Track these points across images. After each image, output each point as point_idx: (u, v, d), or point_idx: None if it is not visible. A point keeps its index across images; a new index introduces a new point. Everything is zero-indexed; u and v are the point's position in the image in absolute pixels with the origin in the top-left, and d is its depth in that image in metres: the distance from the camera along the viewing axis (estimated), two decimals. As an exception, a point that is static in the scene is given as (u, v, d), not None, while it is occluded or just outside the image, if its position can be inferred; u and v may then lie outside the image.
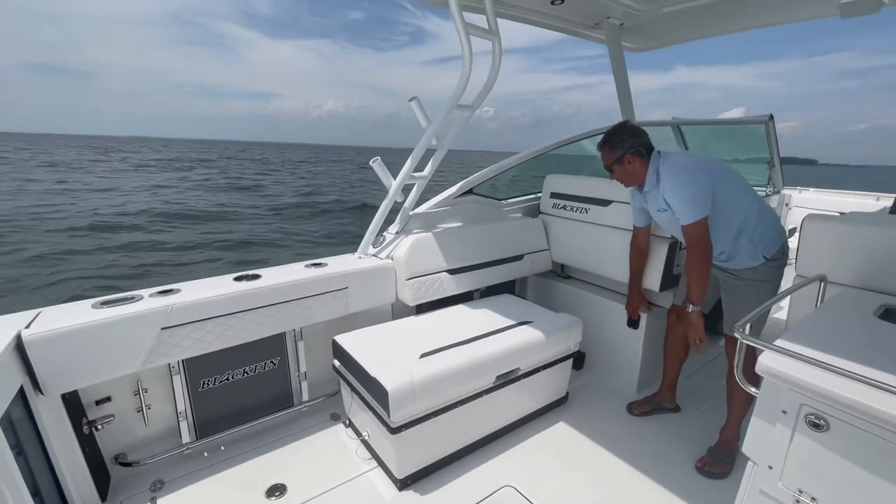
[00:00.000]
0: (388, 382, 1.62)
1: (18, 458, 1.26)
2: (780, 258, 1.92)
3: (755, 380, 1.12)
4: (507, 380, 1.97)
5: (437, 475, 1.85)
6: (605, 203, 2.53)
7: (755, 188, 3.45)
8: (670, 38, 3.06)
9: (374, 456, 1.91)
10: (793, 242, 3.56)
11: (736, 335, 1.10)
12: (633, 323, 2.45)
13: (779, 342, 1.04)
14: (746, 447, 1.11)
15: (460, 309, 2.35)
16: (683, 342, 2.22)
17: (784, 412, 1.01)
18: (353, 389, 1.90)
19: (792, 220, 3.67)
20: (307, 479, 1.81)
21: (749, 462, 1.11)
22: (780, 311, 3.24)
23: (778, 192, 3.40)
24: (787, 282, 1.88)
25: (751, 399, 1.94)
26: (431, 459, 1.84)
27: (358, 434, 2.00)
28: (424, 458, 1.83)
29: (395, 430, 1.66)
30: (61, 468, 1.52)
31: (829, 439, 0.95)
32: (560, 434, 2.14)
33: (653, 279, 2.31)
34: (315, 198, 19.94)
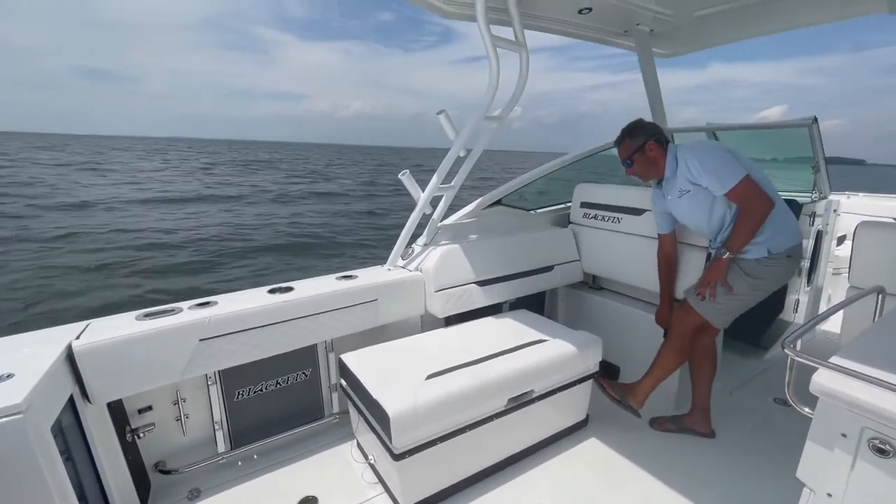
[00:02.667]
0: (391, 406, 1.55)
1: (67, 463, 1.31)
2: (783, 259, 1.84)
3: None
4: (521, 402, 1.87)
5: (448, 503, 1.76)
6: (637, 212, 2.47)
7: (800, 194, 3.30)
8: (702, 42, 2.97)
9: (381, 481, 1.84)
10: (842, 251, 3.35)
11: (786, 351, 1.03)
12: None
13: (835, 359, 0.97)
14: (801, 472, 1.03)
15: (475, 325, 2.28)
16: (708, 358, 2.11)
17: (844, 436, 0.93)
18: (359, 411, 1.84)
19: (841, 227, 3.46)
20: (338, 492, 1.81)
21: (805, 489, 1.03)
22: (833, 325, 3.04)
23: (825, 198, 3.22)
24: (839, 293, 1.76)
25: (671, 368, 2.03)
26: (440, 486, 1.75)
27: (365, 457, 1.95)
28: (432, 485, 1.74)
29: (398, 457, 1.58)
30: (105, 474, 1.58)
31: None
32: (592, 452, 2.05)
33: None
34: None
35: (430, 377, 1.73)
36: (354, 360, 1.91)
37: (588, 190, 2.82)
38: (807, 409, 1.03)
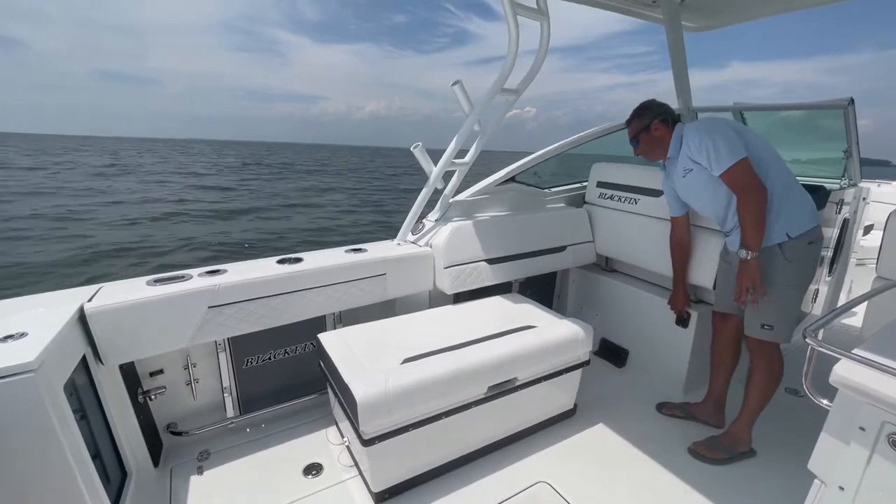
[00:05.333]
0: (359, 391, 1.48)
1: (81, 422, 1.35)
2: (804, 246, 1.70)
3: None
4: (503, 390, 1.79)
5: (423, 489, 1.70)
6: (656, 193, 2.39)
7: (829, 180, 3.16)
8: (735, 15, 2.81)
9: (355, 464, 1.80)
10: (867, 241, 3.22)
11: (808, 341, 0.99)
12: (682, 321, 2.31)
13: (858, 351, 0.93)
14: (813, 464, 1.01)
15: (466, 307, 2.22)
16: (732, 350, 2.04)
17: (862, 429, 0.90)
18: (334, 392, 1.79)
19: (869, 216, 3.32)
20: (342, 461, 1.85)
21: (816, 480, 1.01)
22: (854, 316, 2.96)
23: (854, 185, 3.08)
24: (861, 285, 1.69)
25: (769, 396, 1.83)
26: (413, 473, 1.69)
27: (342, 438, 1.91)
28: (404, 471, 1.68)
29: (367, 442, 1.53)
30: (118, 434, 1.63)
31: None
32: (580, 440, 2.00)
33: (706, 275, 2.16)
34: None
35: (406, 361, 1.66)
36: (332, 339, 1.84)
37: (605, 169, 2.74)
38: (825, 401, 0.99)
